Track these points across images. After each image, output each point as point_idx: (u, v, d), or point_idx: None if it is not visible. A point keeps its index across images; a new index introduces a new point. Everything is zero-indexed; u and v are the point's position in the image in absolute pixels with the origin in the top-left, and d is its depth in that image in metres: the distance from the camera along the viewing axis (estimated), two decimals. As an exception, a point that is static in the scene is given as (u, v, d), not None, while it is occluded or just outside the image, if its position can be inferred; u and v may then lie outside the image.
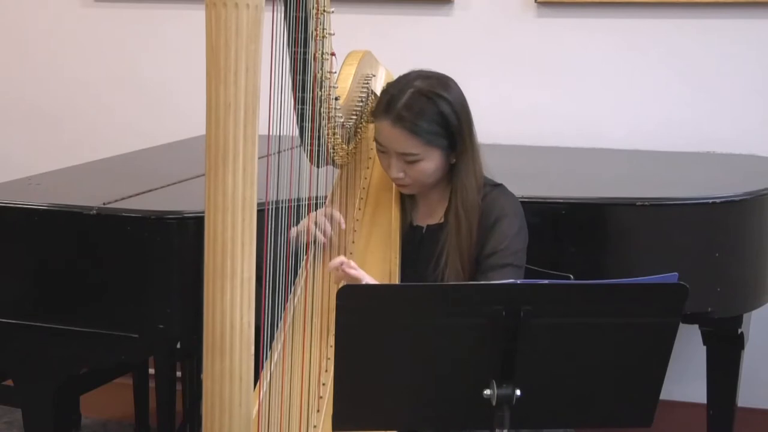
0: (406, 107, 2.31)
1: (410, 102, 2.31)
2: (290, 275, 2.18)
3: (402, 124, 2.30)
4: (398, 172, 2.35)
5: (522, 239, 2.36)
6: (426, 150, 2.32)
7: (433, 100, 2.32)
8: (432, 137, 2.31)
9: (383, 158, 2.39)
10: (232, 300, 1.76)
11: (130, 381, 3.63)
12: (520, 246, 2.35)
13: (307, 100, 2.16)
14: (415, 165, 2.33)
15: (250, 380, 1.81)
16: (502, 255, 2.32)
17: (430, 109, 2.32)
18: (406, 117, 2.30)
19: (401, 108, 2.31)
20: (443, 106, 2.32)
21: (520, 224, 2.37)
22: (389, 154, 2.35)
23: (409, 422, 1.89)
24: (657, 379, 1.82)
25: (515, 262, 2.32)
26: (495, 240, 2.33)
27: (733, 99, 3.46)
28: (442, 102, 2.32)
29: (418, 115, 2.31)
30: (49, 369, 2.63)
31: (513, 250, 2.33)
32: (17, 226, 2.59)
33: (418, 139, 2.31)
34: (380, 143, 2.37)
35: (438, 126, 2.32)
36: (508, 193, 2.41)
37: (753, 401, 3.43)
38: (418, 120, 2.30)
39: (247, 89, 1.72)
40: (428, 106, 2.32)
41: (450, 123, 2.32)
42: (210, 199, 1.75)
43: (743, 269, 2.78)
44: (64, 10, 3.98)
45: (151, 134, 3.73)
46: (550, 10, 3.57)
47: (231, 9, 1.70)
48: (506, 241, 2.33)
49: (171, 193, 2.79)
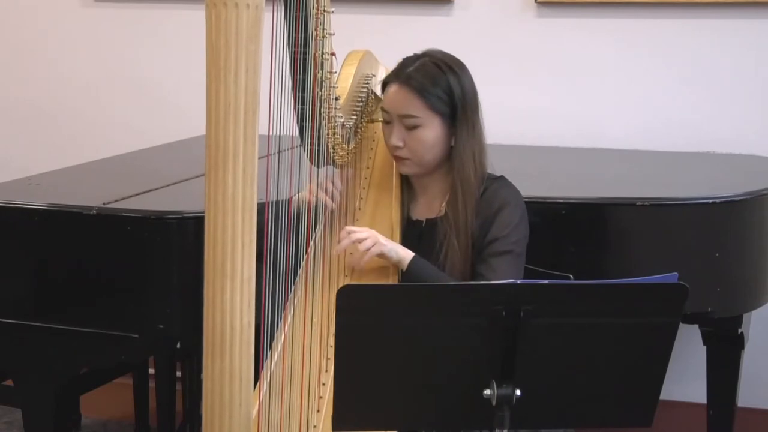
0: (416, 70, 2.38)
1: (421, 67, 2.38)
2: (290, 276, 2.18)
3: (409, 84, 2.36)
4: (398, 139, 2.37)
5: (523, 229, 2.38)
6: (427, 114, 2.35)
7: (443, 70, 2.38)
8: (435, 101, 2.35)
9: (387, 129, 2.42)
10: (232, 300, 1.76)
11: (130, 381, 3.63)
12: (521, 235, 2.37)
13: (307, 100, 2.17)
14: (414, 132, 2.35)
15: (250, 380, 1.81)
16: (503, 242, 2.34)
17: (439, 76, 2.37)
18: (415, 77, 2.36)
19: (412, 71, 2.37)
20: (452, 78, 2.38)
21: (521, 214, 2.39)
22: (392, 121, 2.38)
23: (409, 422, 1.89)
24: (657, 379, 1.82)
25: (516, 250, 2.34)
26: (496, 227, 2.35)
27: (733, 99, 3.46)
28: (452, 74, 2.38)
29: (425, 77, 2.36)
30: (49, 369, 2.63)
31: (514, 239, 2.34)
32: (17, 226, 2.59)
33: (420, 101, 2.34)
34: (385, 109, 2.41)
35: (443, 92, 2.36)
36: (510, 184, 2.44)
37: (753, 401, 3.43)
38: (425, 82, 2.35)
39: (247, 89, 1.72)
40: (438, 73, 2.38)
41: (455, 94, 2.37)
42: (210, 200, 1.75)
43: (743, 269, 2.78)
44: (64, 10, 3.98)
45: (151, 134, 3.73)
46: (550, 10, 3.57)
47: (231, 9, 1.69)
48: (507, 228, 2.35)
49: (171, 193, 2.79)
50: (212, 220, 1.75)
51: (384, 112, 2.42)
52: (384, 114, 2.42)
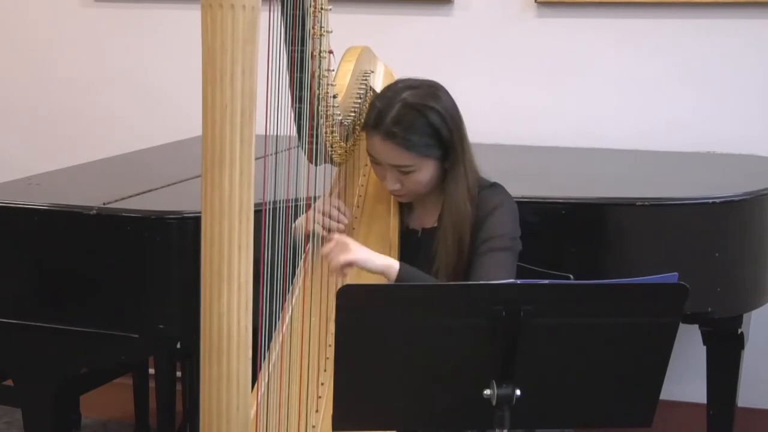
0: (395, 122, 2.28)
1: (399, 116, 2.29)
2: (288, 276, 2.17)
3: (393, 139, 2.28)
4: (394, 184, 2.34)
5: (516, 227, 2.36)
6: (420, 161, 2.31)
7: (422, 113, 2.29)
8: (425, 149, 2.30)
9: (378, 169, 2.38)
10: (229, 304, 1.75)
11: (130, 381, 3.63)
12: (514, 233, 2.35)
13: (305, 99, 2.15)
14: (410, 176, 2.32)
15: (248, 384, 1.81)
16: (498, 240, 2.31)
17: (420, 121, 2.29)
18: (397, 132, 2.28)
19: (390, 123, 2.28)
20: (433, 117, 2.30)
21: (514, 217, 2.37)
22: (383, 166, 2.34)
23: (409, 422, 1.88)
24: (657, 379, 1.82)
25: (510, 246, 2.32)
26: (490, 227, 2.32)
27: (733, 99, 3.46)
28: (432, 113, 2.30)
29: (408, 129, 2.28)
30: (49, 369, 2.63)
31: (508, 237, 2.32)
32: (17, 226, 2.59)
33: (410, 153, 2.29)
34: (373, 156, 2.36)
35: (429, 138, 2.30)
36: (503, 190, 2.41)
37: (753, 401, 3.43)
38: (409, 134, 2.28)
39: (244, 91, 1.71)
40: (418, 119, 2.29)
41: (441, 134, 2.30)
42: (206, 203, 1.74)
43: (743, 269, 2.78)
44: (64, 10, 3.98)
45: (151, 134, 3.73)
46: (550, 10, 3.57)
47: (227, 10, 1.69)
48: (502, 228, 2.32)
49: (171, 193, 2.79)
50: (209, 223, 1.74)
51: (372, 156, 2.36)
52: (372, 158, 2.37)
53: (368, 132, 2.34)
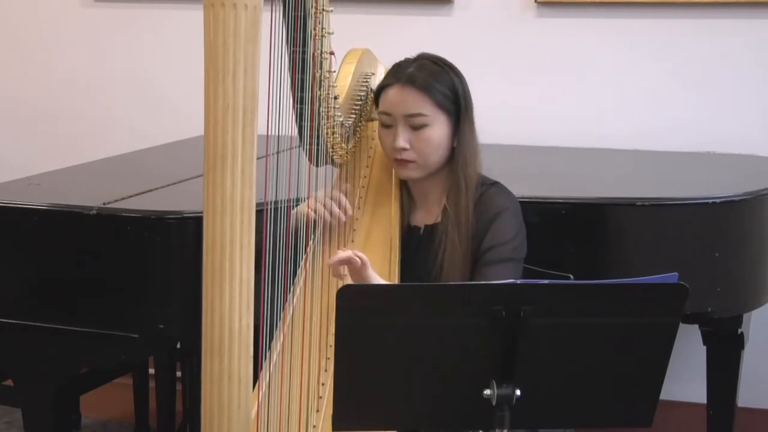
0: (418, 68, 2.34)
1: (421, 66, 2.35)
2: (289, 275, 2.17)
3: (413, 83, 2.32)
4: (404, 141, 2.32)
5: (521, 234, 2.36)
6: (434, 112, 2.32)
7: (444, 68, 2.37)
8: (441, 98, 2.33)
9: (387, 134, 2.36)
10: (231, 302, 1.75)
11: (130, 381, 3.63)
12: (519, 241, 2.34)
13: (306, 100, 2.16)
14: (421, 132, 2.32)
15: (249, 382, 1.81)
16: (500, 250, 2.31)
17: (441, 73, 2.35)
18: (419, 76, 2.32)
19: (413, 70, 2.34)
20: (453, 75, 2.37)
21: (519, 222, 2.36)
22: (394, 124, 2.34)
23: (409, 422, 1.89)
24: (657, 379, 1.82)
25: (515, 257, 2.32)
26: (493, 234, 2.32)
27: (733, 99, 3.46)
28: (452, 72, 2.37)
29: (429, 74, 2.33)
30: (49, 369, 2.63)
31: (513, 246, 2.32)
32: (17, 226, 2.59)
33: (428, 98, 2.31)
34: (386, 112, 2.35)
35: (449, 89, 2.34)
36: (506, 190, 2.41)
37: (753, 401, 3.43)
38: (430, 79, 2.33)
39: (246, 90, 1.72)
40: (440, 71, 2.36)
41: (458, 92, 2.35)
42: (208, 201, 1.74)
43: (743, 269, 2.78)
44: (64, 10, 3.98)
45: (151, 134, 3.73)
46: (550, 10, 3.57)
47: (229, 10, 1.69)
48: (505, 235, 2.32)
49: (171, 193, 2.79)
50: (211, 221, 1.75)
51: (384, 115, 2.36)
52: (384, 117, 2.36)
53: (385, 87, 2.36)
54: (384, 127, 2.37)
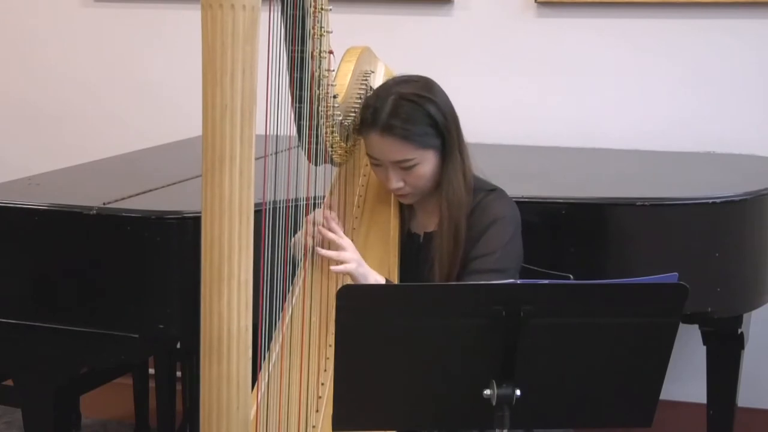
0: (391, 115, 2.28)
1: (395, 109, 2.28)
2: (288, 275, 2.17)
3: (392, 132, 2.27)
4: (397, 182, 2.31)
5: (514, 246, 2.32)
6: (421, 153, 2.29)
7: (417, 103, 2.29)
8: (425, 139, 2.29)
9: (379, 172, 2.36)
10: (229, 304, 1.75)
11: (130, 381, 3.63)
12: (509, 253, 2.30)
13: (305, 99, 2.15)
14: (412, 171, 2.30)
15: (248, 384, 1.81)
16: (485, 260, 2.28)
17: (417, 112, 2.29)
18: (395, 124, 2.27)
19: (387, 117, 2.28)
20: (429, 106, 2.29)
21: (513, 230, 2.33)
22: (384, 166, 2.32)
23: (409, 422, 1.89)
24: (657, 379, 1.82)
25: (498, 268, 2.27)
26: (484, 243, 2.29)
27: (733, 99, 3.46)
28: (427, 103, 2.30)
29: (406, 120, 2.27)
30: (49, 369, 2.63)
31: (500, 256, 2.28)
32: (17, 226, 2.59)
33: (411, 144, 2.28)
34: (373, 157, 2.34)
35: (428, 127, 2.29)
36: (504, 198, 2.38)
37: (753, 401, 3.43)
38: (408, 125, 2.27)
39: (244, 91, 1.71)
40: (415, 109, 2.29)
41: (439, 124, 2.30)
42: (207, 203, 1.74)
43: (743, 269, 2.78)
44: (64, 10, 3.98)
45: (151, 134, 3.73)
46: (550, 10, 3.57)
47: (227, 10, 1.68)
48: (493, 246, 2.28)
49: (171, 193, 2.79)
50: (209, 223, 1.74)
51: (372, 158, 2.34)
52: (372, 159, 2.34)
53: (365, 132, 2.32)
54: (374, 165, 2.36)
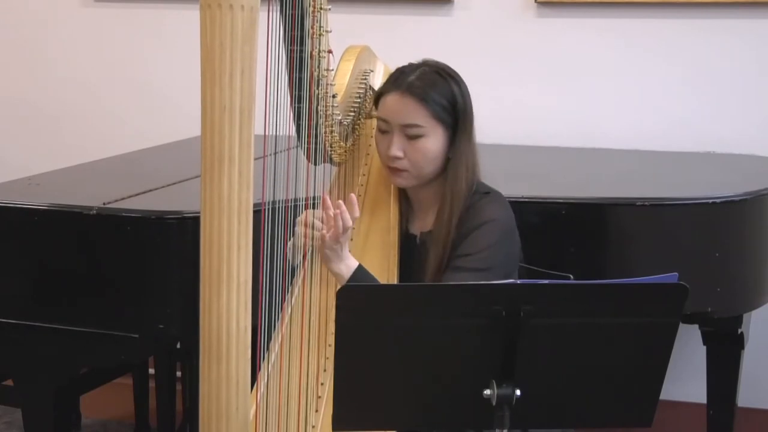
0: (418, 78, 2.31)
1: (422, 75, 2.32)
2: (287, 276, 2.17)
3: (412, 92, 2.29)
4: (398, 150, 2.30)
5: (502, 248, 2.28)
6: (431, 124, 2.29)
7: (444, 78, 2.33)
8: (440, 110, 2.29)
9: (383, 140, 2.33)
10: (229, 304, 1.75)
11: (130, 381, 3.63)
12: (496, 254, 2.26)
13: (304, 98, 2.15)
14: (416, 142, 2.29)
15: (247, 385, 1.80)
16: (469, 258, 2.25)
17: (441, 84, 2.31)
18: (418, 85, 2.29)
19: (413, 78, 2.31)
20: (453, 85, 2.32)
21: (503, 234, 2.30)
22: (390, 131, 2.31)
23: (409, 422, 1.88)
24: (657, 379, 1.82)
25: (483, 267, 2.23)
26: (469, 243, 2.27)
27: (733, 99, 3.46)
28: (453, 82, 2.33)
29: (429, 85, 2.30)
30: (49, 369, 2.63)
31: (483, 256, 2.25)
32: (17, 226, 2.59)
33: (426, 109, 2.28)
34: (383, 119, 2.33)
35: (447, 101, 2.30)
36: (498, 201, 2.35)
37: (753, 401, 3.43)
38: (429, 90, 2.29)
39: (243, 92, 1.71)
40: (440, 81, 2.32)
41: (457, 103, 2.31)
42: (206, 203, 1.73)
43: (743, 269, 2.78)
44: (64, 10, 3.98)
45: (151, 134, 3.73)
46: (550, 10, 3.57)
47: (225, 11, 1.68)
48: (478, 246, 2.26)
49: (171, 193, 2.79)
50: (208, 223, 1.74)
51: (382, 121, 2.33)
52: (382, 124, 2.33)
53: (386, 92, 2.33)
54: (381, 132, 2.35)
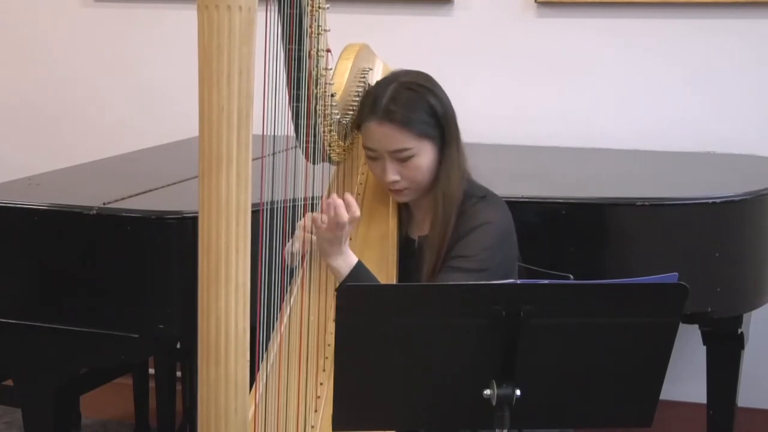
0: (392, 101, 2.26)
1: (396, 96, 2.26)
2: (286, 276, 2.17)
3: (391, 118, 2.25)
4: (393, 174, 2.28)
5: (498, 251, 2.27)
6: (419, 143, 2.26)
7: (418, 92, 2.28)
8: (424, 128, 2.26)
9: (375, 166, 2.33)
10: (227, 306, 1.74)
11: (130, 381, 3.63)
12: (491, 257, 2.25)
13: (303, 98, 2.14)
14: (409, 163, 2.27)
15: (246, 387, 1.80)
16: (463, 260, 2.24)
17: (417, 100, 2.27)
18: (395, 110, 2.25)
19: (388, 103, 2.26)
20: (429, 96, 2.28)
21: (498, 236, 2.28)
22: (381, 158, 2.29)
23: (409, 422, 1.89)
24: (657, 379, 1.82)
25: (477, 268, 2.22)
26: (464, 245, 2.26)
27: (733, 99, 3.46)
28: (428, 93, 2.28)
29: (406, 106, 2.25)
30: (49, 369, 2.63)
31: (478, 258, 2.24)
32: (17, 226, 2.59)
33: (410, 132, 2.25)
34: (370, 148, 2.30)
35: (428, 116, 2.27)
36: (495, 204, 2.34)
37: (753, 401, 3.43)
38: (408, 111, 2.25)
39: (241, 92, 1.70)
40: (415, 97, 2.27)
41: (438, 113, 2.28)
42: (204, 205, 1.73)
43: (743, 269, 2.78)
44: (64, 10, 3.98)
45: (151, 134, 3.73)
46: (550, 10, 3.57)
47: (223, 11, 1.67)
48: (475, 248, 2.25)
49: (171, 193, 2.79)
50: (206, 225, 1.73)
51: (369, 150, 2.31)
52: (369, 152, 2.31)
53: (365, 120, 2.29)
54: (371, 159, 2.33)
